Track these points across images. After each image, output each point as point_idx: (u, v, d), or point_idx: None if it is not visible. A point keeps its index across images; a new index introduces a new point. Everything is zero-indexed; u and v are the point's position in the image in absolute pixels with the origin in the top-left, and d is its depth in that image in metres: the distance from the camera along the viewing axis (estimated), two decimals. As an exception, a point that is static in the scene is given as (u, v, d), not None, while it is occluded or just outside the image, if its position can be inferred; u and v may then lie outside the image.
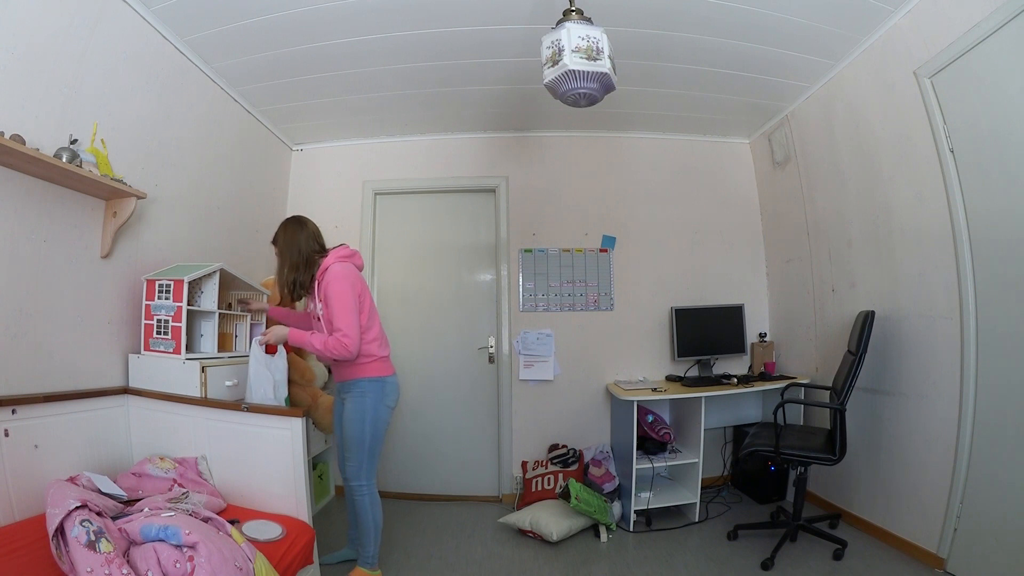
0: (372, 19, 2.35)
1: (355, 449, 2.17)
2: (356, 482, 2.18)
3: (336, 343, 2.04)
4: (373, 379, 2.18)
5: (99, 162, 1.92)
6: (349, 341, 2.04)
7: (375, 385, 2.18)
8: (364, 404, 2.16)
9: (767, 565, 2.31)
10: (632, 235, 3.63)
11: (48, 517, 1.29)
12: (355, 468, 2.18)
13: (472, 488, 3.47)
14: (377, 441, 2.20)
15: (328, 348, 2.05)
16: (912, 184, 2.39)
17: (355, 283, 2.15)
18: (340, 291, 2.08)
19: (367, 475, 2.18)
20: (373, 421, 2.17)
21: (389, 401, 2.23)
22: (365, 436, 2.16)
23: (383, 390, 2.20)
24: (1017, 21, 1.82)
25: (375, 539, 2.20)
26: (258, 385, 2.13)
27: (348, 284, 2.11)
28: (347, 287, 2.10)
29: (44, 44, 1.75)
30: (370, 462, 2.19)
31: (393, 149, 3.69)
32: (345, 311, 2.07)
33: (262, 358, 2.17)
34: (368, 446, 2.17)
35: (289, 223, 2.28)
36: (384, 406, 2.21)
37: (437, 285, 3.64)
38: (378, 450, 2.22)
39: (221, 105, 2.85)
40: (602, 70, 1.77)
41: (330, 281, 2.10)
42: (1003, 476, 1.98)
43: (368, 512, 2.18)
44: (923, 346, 2.36)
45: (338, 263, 2.16)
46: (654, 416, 3.20)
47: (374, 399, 2.17)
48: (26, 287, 1.73)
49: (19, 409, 1.61)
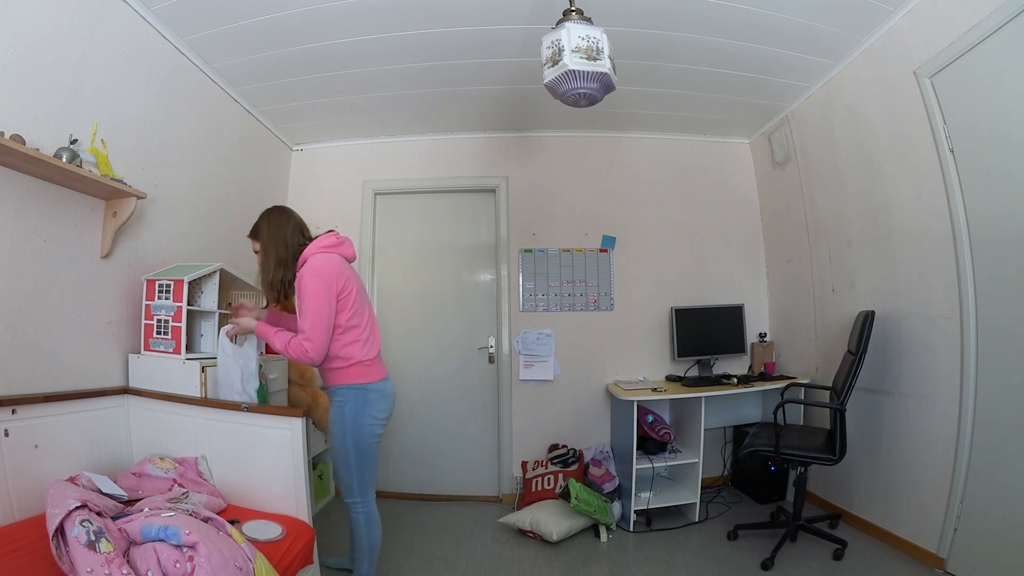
0: (372, 19, 2.35)
1: (341, 465, 1.98)
2: (349, 499, 2.00)
3: (296, 346, 1.83)
4: (353, 386, 1.93)
5: (99, 162, 1.92)
6: (310, 346, 1.82)
7: (355, 393, 1.93)
8: (343, 414, 1.93)
9: (767, 565, 2.31)
10: (632, 235, 3.63)
11: (48, 517, 1.29)
12: (346, 486, 1.99)
13: (472, 488, 3.47)
14: (363, 455, 1.95)
15: (287, 349, 1.85)
16: (912, 184, 2.39)
17: (332, 278, 1.88)
18: (311, 288, 1.84)
19: (360, 492, 1.98)
20: (355, 435, 1.93)
21: (375, 411, 1.96)
22: (348, 451, 1.93)
23: (365, 399, 1.94)
24: (1017, 21, 1.82)
25: (370, 559, 2.03)
26: (225, 378, 2.01)
27: (321, 279, 1.86)
28: (319, 283, 1.85)
29: (44, 44, 1.75)
30: (360, 478, 1.97)
31: (393, 149, 3.69)
32: (312, 310, 1.83)
33: (229, 349, 2.02)
34: (353, 462, 1.94)
35: (272, 213, 2.05)
36: (368, 416, 1.94)
37: (437, 285, 3.64)
38: (368, 464, 1.98)
39: (221, 105, 2.85)
40: (602, 70, 1.77)
41: (303, 275, 1.88)
42: (1003, 476, 1.98)
43: (362, 531, 2.00)
44: (923, 346, 2.36)
45: (320, 254, 1.93)
46: (654, 416, 3.20)
47: (354, 409, 1.92)
48: (26, 287, 1.73)
49: (19, 409, 1.61)
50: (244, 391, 2.03)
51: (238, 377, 2.02)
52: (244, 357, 2.06)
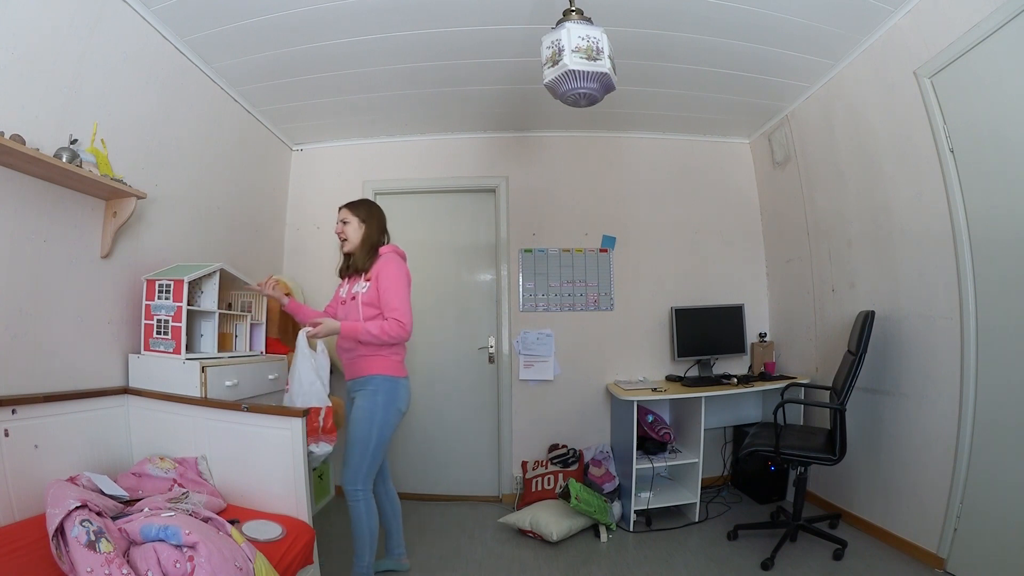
0: (372, 19, 2.35)
1: (357, 450, 2.07)
2: (352, 486, 2.08)
3: (394, 324, 2.07)
4: (388, 377, 2.13)
5: (99, 162, 1.92)
6: (405, 320, 2.08)
7: (389, 384, 2.12)
8: (375, 403, 2.09)
9: (767, 565, 2.31)
10: (632, 235, 3.63)
11: (48, 517, 1.29)
12: (353, 471, 2.07)
13: (472, 488, 3.47)
14: (381, 445, 2.10)
15: (385, 331, 2.06)
16: (912, 184, 2.39)
17: (408, 272, 2.22)
18: (399, 273, 2.15)
19: (364, 480, 2.08)
20: (382, 423, 2.09)
21: (400, 404, 2.16)
22: (371, 438, 2.07)
23: (396, 391, 2.14)
24: (1017, 21, 1.82)
25: (370, 549, 2.10)
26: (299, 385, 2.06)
27: (404, 269, 2.19)
28: (404, 272, 2.18)
29: (44, 44, 1.74)
30: (370, 466, 2.09)
31: (393, 149, 3.69)
32: (401, 293, 2.12)
33: (309, 355, 2.10)
34: (372, 449, 2.07)
35: (374, 205, 2.33)
36: (395, 408, 2.13)
37: (437, 285, 3.63)
38: (380, 455, 2.12)
39: (221, 105, 2.85)
40: (602, 70, 1.77)
41: (389, 263, 2.16)
42: (1003, 476, 1.98)
43: (363, 520, 2.08)
44: (923, 346, 2.36)
45: (396, 253, 2.25)
46: (654, 416, 3.20)
47: (386, 399, 2.10)
48: (26, 287, 1.73)
49: (19, 409, 1.60)
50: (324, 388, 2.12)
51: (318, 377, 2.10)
52: (320, 364, 2.14)
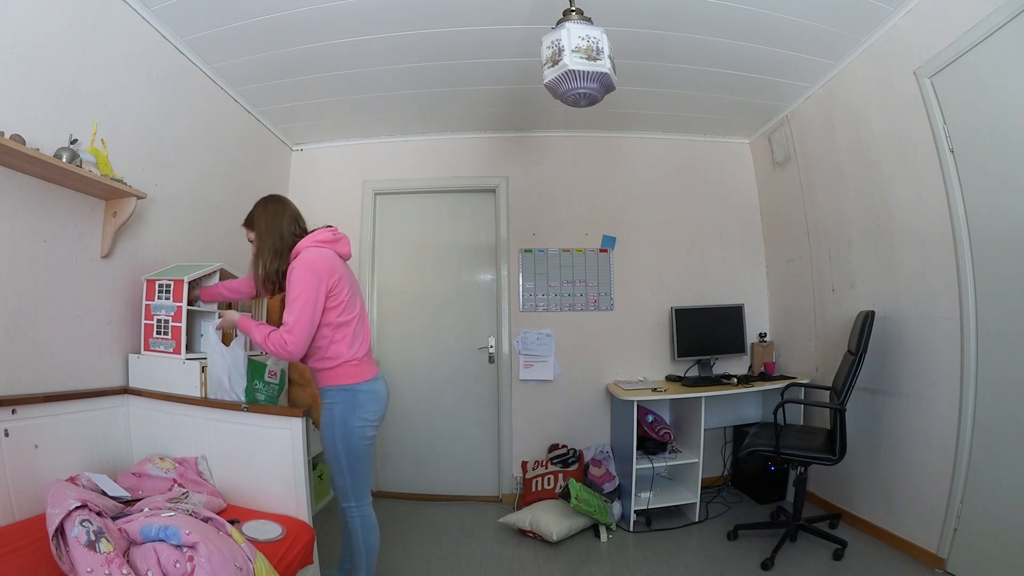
0: (372, 19, 2.35)
1: (333, 469, 1.93)
2: (344, 503, 1.95)
3: (276, 338, 1.76)
4: (341, 388, 1.88)
5: (99, 162, 1.92)
6: (291, 339, 1.75)
7: (343, 395, 1.88)
8: (332, 417, 1.88)
9: (767, 565, 2.31)
10: (632, 235, 3.63)
11: (48, 517, 1.29)
12: (339, 490, 1.94)
13: (472, 488, 3.47)
14: (355, 459, 1.90)
15: (267, 342, 1.77)
16: (912, 184, 2.39)
17: (324, 274, 1.83)
18: (302, 281, 1.79)
19: (355, 496, 1.93)
20: (344, 437, 1.87)
21: (365, 412, 1.89)
22: (339, 454, 1.88)
23: (354, 400, 1.88)
24: (1017, 21, 1.82)
25: (367, 565, 1.96)
26: (213, 376, 1.99)
27: (312, 274, 1.80)
28: (310, 277, 1.80)
29: (44, 44, 1.74)
30: (355, 482, 1.92)
31: (393, 149, 3.69)
32: (299, 304, 1.77)
33: (217, 346, 2.00)
34: (345, 465, 1.89)
35: (268, 202, 1.99)
36: (358, 418, 1.88)
37: (437, 285, 3.64)
38: (361, 468, 1.93)
39: (221, 105, 2.85)
40: (602, 70, 1.77)
41: (295, 267, 1.82)
42: (1003, 476, 1.98)
43: (359, 536, 1.94)
44: (923, 346, 2.36)
45: (313, 248, 1.89)
46: (654, 416, 3.20)
47: (343, 411, 1.88)
48: (26, 287, 1.73)
49: (19, 409, 1.60)
50: (231, 389, 1.99)
51: (226, 375, 1.99)
52: (232, 354, 2.03)
